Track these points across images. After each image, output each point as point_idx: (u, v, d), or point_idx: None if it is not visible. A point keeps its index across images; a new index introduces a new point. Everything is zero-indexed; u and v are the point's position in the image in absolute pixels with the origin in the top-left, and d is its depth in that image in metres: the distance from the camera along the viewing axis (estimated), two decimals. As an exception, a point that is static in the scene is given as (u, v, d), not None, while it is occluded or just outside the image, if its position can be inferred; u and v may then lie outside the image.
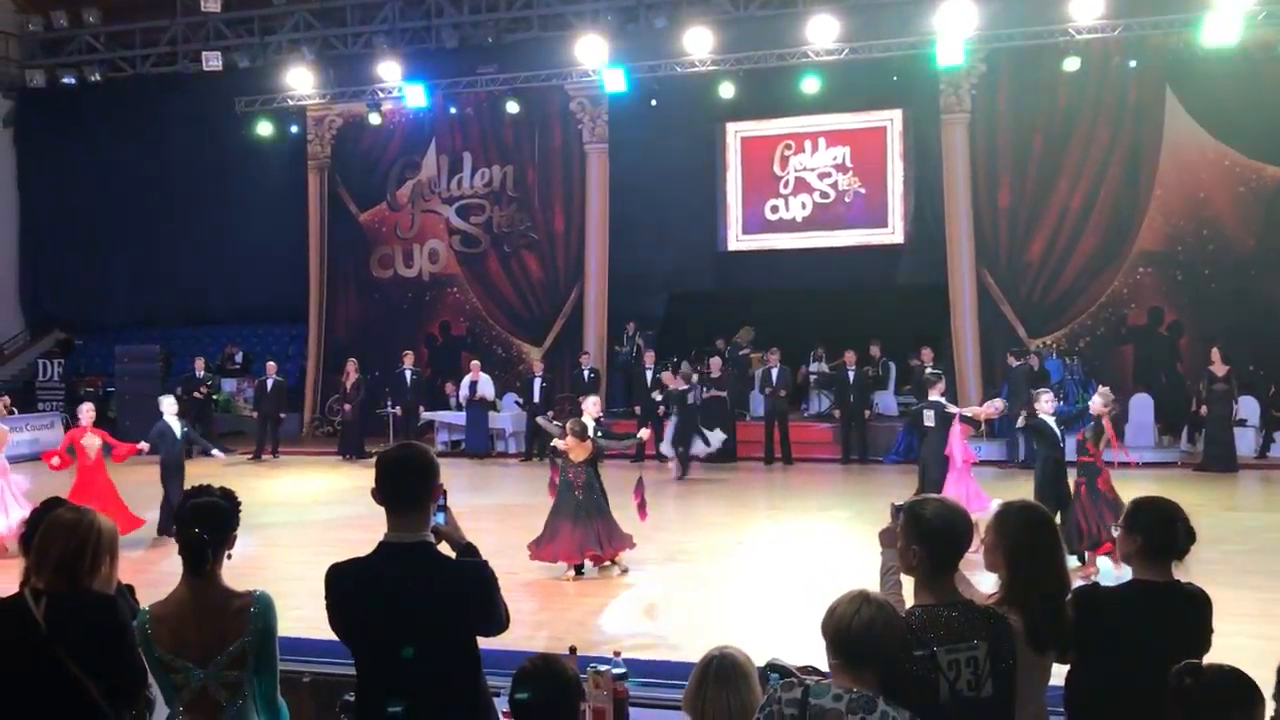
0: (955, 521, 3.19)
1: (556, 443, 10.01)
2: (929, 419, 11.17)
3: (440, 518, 3.35)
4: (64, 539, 3.41)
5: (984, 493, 10.38)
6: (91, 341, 24.30)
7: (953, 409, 11.10)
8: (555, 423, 10.67)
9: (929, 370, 14.39)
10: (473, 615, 3.24)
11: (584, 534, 9.61)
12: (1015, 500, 3.63)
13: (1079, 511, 9.40)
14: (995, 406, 11.20)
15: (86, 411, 11.98)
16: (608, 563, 9.88)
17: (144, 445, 11.95)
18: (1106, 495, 9.43)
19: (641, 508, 10.07)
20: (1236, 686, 2.80)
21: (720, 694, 3.29)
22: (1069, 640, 3.37)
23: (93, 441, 11.63)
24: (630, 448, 11.66)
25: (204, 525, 3.37)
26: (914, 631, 3.05)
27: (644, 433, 11.18)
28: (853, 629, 2.86)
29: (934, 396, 11.35)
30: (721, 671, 3.38)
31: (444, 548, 3.35)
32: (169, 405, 12.49)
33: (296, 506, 13.86)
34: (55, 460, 11.59)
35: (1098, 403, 9.83)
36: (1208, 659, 3.43)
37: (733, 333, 19.65)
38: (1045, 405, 9.96)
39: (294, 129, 21.55)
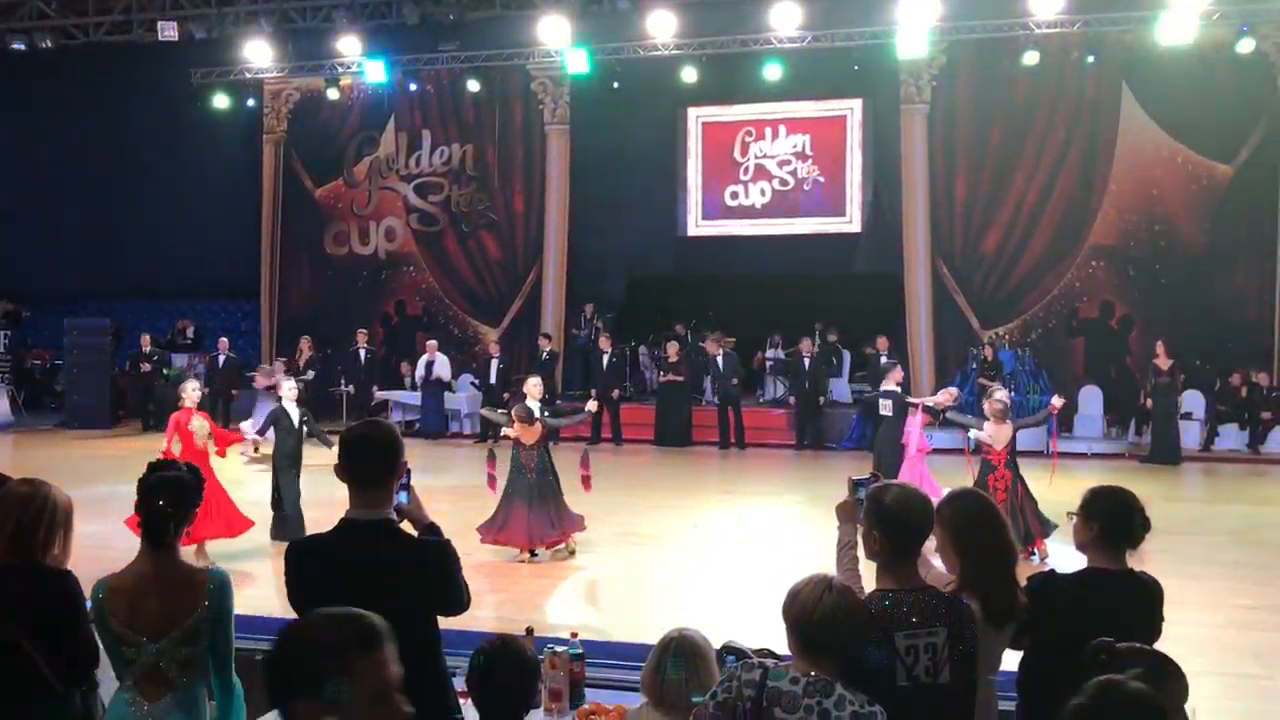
0: (915, 507, 3.23)
1: (506, 431, 9.95)
2: (885, 408, 11.26)
3: (404, 497, 3.33)
4: (19, 512, 3.39)
5: (937, 482, 10.48)
6: (40, 313, 23.89)
7: (912, 399, 11.19)
8: (500, 411, 10.58)
9: (885, 359, 14.48)
10: (433, 593, 3.23)
11: (538, 520, 9.57)
12: (948, 493, 3.67)
13: None
14: (950, 394, 11.31)
15: (191, 391, 9.97)
16: (559, 545, 9.88)
17: (252, 434, 10.60)
18: (995, 494, 9.52)
19: (586, 480, 10.01)
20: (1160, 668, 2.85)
21: (679, 675, 3.32)
22: (1022, 612, 3.41)
23: (200, 426, 9.82)
24: (582, 422, 11.52)
25: (168, 498, 3.33)
26: (873, 617, 3.08)
27: (591, 405, 11.11)
28: (815, 617, 2.88)
29: (889, 385, 11.44)
30: (680, 652, 3.42)
31: (406, 526, 3.34)
32: (289, 388, 10.63)
33: (248, 484, 13.71)
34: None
35: (986, 408, 10.01)
36: (1157, 647, 3.50)
37: (691, 317, 19.67)
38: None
39: (250, 102, 21.25)
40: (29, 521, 3.38)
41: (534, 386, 10.27)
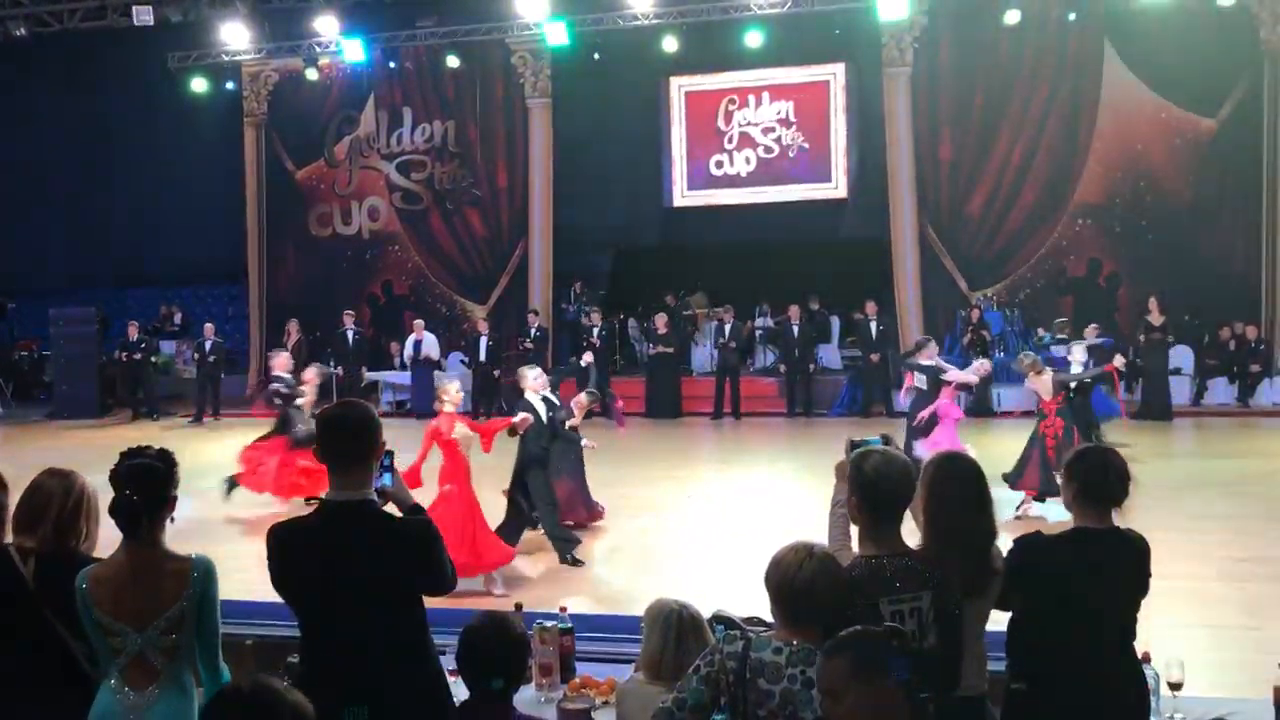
0: (893, 475, 3.20)
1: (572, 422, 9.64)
2: (921, 382, 11.29)
3: (386, 479, 3.31)
4: (59, 502, 3.53)
5: (963, 445, 10.53)
6: (25, 304, 23.78)
7: (949, 376, 11.04)
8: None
9: (919, 336, 14.54)
10: (416, 573, 3.22)
11: (583, 490, 9.66)
12: (936, 454, 3.64)
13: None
14: (985, 367, 11.41)
15: (454, 393, 8.32)
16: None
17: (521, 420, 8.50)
18: (1045, 440, 9.82)
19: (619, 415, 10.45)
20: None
21: (696, 647, 3.35)
22: (989, 583, 3.40)
23: (465, 434, 8.16)
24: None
25: (136, 487, 3.30)
26: (857, 583, 3.08)
27: (588, 443, 9.96)
28: (795, 585, 2.88)
29: (925, 361, 11.49)
30: (694, 625, 3.47)
31: (391, 509, 3.32)
32: (535, 378, 8.88)
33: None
34: (447, 489, 7.87)
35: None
36: (1145, 602, 3.51)
37: (679, 288, 19.65)
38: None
39: (229, 85, 21.10)
40: (69, 513, 3.54)
41: (535, 380, 10.12)
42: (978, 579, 3.32)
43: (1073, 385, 10.43)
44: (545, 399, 8.89)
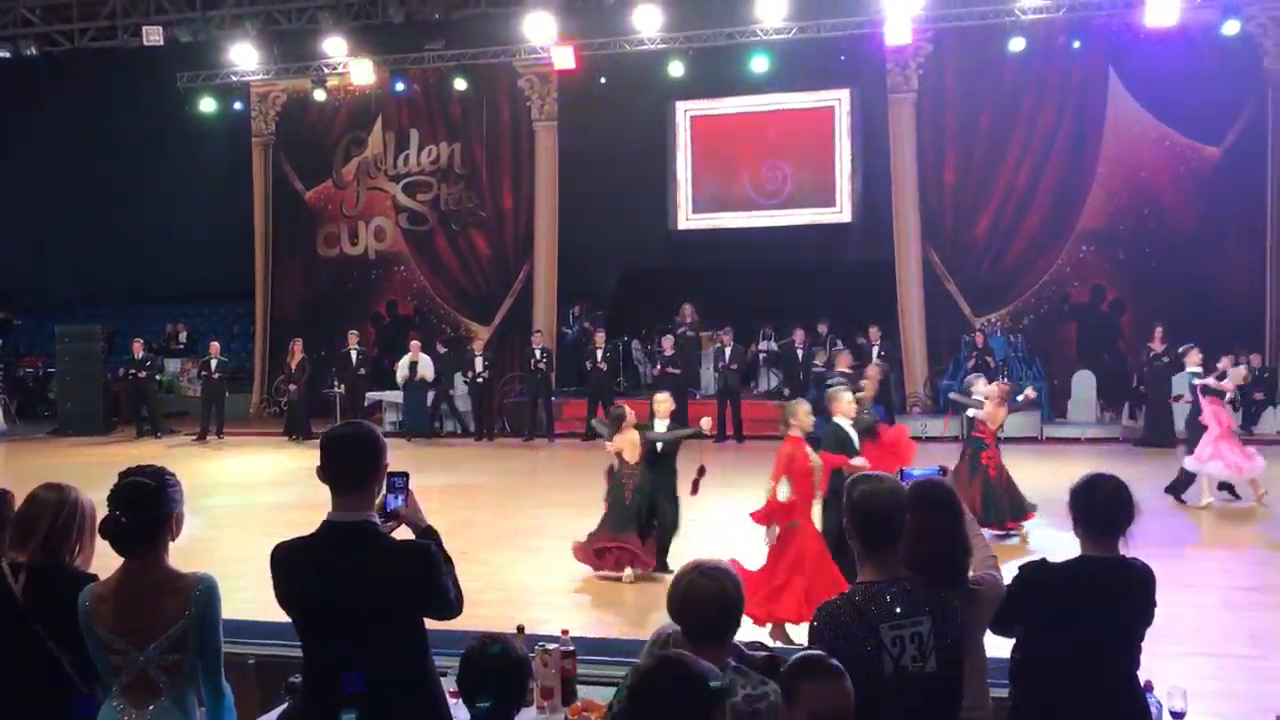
0: (879, 501, 3.20)
1: (607, 445, 9.59)
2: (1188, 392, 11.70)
3: (401, 500, 3.31)
4: (51, 516, 3.51)
5: (1238, 459, 11.18)
6: (31, 320, 23.87)
7: (1197, 381, 11.80)
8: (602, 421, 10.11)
9: (1181, 348, 14.78)
10: (416, 596, 3.20)
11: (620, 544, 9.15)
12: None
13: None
14: (1239, 373, 12.20)
15: (803, 415, 7.28)
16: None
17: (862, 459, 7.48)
18: (988, 471, 9.95)
19: (695, 486, 9.58)
20: None
21: None
22: (971, 612, 3.39)
23: (819, 463, 7.20)
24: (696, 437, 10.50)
25: (124, 507, 3.28)
26: (857, 608, 3.07)
27: (705, 422, 10.40)
28: (676, 597, 2.91)
29: (1192, 367, 12.05)
30: (679, 646, 3.43)
31: (405, 531, 3.32)
32: (848, 402, 7.89)
33: (242, 488, 13.72)
34: (795, 526, 7.07)
35: (994, 389, 10.57)
36: (1150, 631, 3.51)
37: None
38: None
39: (238, 105, 21.22)
40: (61, 526, 3.51)
41: (664, 402, 9.94)
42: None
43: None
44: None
